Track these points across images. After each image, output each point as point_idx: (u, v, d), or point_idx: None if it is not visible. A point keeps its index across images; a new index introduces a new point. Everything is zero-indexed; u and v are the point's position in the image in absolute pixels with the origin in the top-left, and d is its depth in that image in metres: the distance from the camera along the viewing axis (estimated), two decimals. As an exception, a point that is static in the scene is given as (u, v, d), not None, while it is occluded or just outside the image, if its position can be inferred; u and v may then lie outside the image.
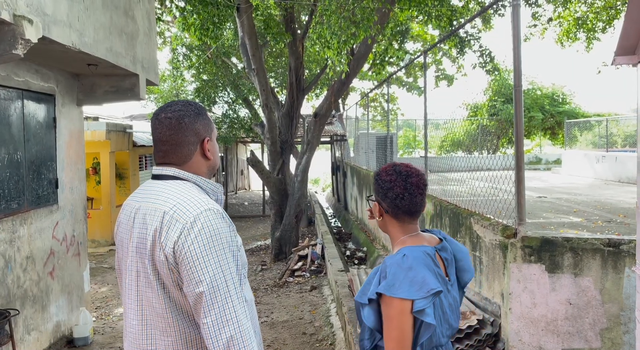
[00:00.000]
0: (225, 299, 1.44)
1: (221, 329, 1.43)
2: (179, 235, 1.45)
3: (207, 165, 1.67)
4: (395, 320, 1.63)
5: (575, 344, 3.57)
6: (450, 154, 19.61)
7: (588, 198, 7.75)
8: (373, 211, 1.87)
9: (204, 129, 1.65)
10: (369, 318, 1.71)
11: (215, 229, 1.46)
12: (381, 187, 1.81)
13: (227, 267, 1.46)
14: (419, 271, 1.65)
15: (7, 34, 3.31)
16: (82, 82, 5.77)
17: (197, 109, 1.66)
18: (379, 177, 1.83)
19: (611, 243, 3.54)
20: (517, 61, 3.72)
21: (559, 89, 21.96)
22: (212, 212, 1.49)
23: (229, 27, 12.21)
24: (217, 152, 1.71)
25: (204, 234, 1.45)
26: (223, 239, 1.47)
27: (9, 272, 4.45)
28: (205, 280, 1.43)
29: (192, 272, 1.44)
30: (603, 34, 11.18)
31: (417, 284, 1.63)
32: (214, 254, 1.44)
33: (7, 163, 4.47)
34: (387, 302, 1.64)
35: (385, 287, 1.64)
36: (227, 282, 1.45)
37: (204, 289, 1.43)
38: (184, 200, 1.51)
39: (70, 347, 5.37)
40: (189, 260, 1.44)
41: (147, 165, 14.45)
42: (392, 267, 1.67)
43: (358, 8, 7.09)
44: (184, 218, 1.47)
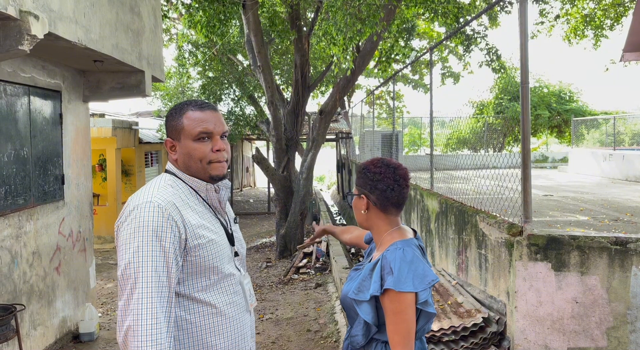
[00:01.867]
0: (132, 288, 1.45)
1: (124, 317, 1.44)
2: (119, 220, 1.56)
3: (181, 162, 1.69)
4: (403, 314, 1.66)
5: (582, 343, 3.54)
6: (456, 152, 19.55)
7: (595, 196, 7.71)
8: (357, 207, 1.86)
9: (169, 131, 1.71)
10: (368, 314, 1.72)
11: (144, 220, 1.49)
12: (370, 179, 1.81)
13: (145, 259, 1.46)
14: (419, 264, 1.71)
15: (13, 29, 3.32)
16: (88, 78, 5.78)
17: (175, 109, 1.72)
18: (367, 170, 1.83)
19: (618, 241, 3.51)
20: (524, 58, 3.69)
21: (566, 87, 21.83)
22: (150, 204, 1.52)
23: (235, 24, 12.20)
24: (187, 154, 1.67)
25: (133, 223, 1.50)
26: (149, 230, 1.49)
27: (16, 268, 4.48)
28: (120, 266, 1.48)
29: (118, 256, 1.52)
30: (611, 31, 11.10)
31: (419, 277, 1.68)
32: (133, 244, 1.47)
33: (13, 159, 4.49)
34: (395, 298, 1.66)
35: (394, 283, 1.66)
36: (139, 273, 1.45)
37: (119, 274, 1.49)
38: (142, 191, 1.61)
39: (76, 342, 5.40)
40: (118, 245, 1.53)
41: (152, 162, 14.49)
42: (395, 262, 1.69)
43: (364, 4, 7.06)
44: (130, 206, 1.56)
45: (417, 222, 6.92)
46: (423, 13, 10.27)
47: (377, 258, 1.77)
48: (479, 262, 4.41)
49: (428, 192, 6.26)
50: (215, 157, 1.68)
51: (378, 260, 1.75)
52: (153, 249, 1.48)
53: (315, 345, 5.30)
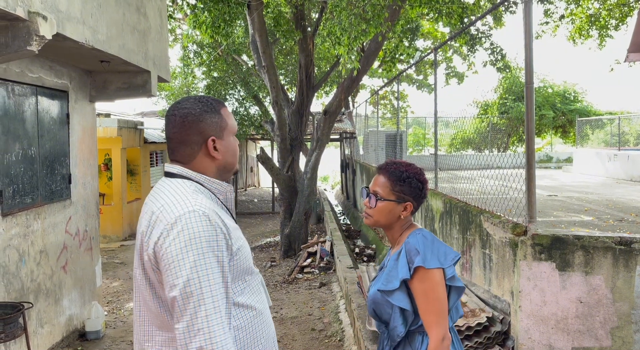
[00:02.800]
0: (197, 306, 1.35)
1: (191, 338, 1.35)
2: (159, 236, 1.42)
3: (214, 165, 1.60)
4: (434, 291, 1.76)
5: (586, 343, 3.55)
6: (460, 152, 19.53)
7: (599, 197, 7.69)
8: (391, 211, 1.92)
9: (210, 127, 1.57)
10: (403, 300, 1.81)
11: (195, 231, 1.39)
12: (418, 189, 1.94)
13: (205, 273, 1.37)
14: (439, 244, 1.85)
15: (21, 30, 3.36)
16: (94, 78, 5.83)
17: (206, 106, 1.59)
18: (414, 179, 1.93)
19: (623, 241, 3.52)
20: (529, 58, 3.70)
21: (571, 87, 21.78)
22: (196, 213, 1.42)
23: (240, 25, 12.24)
24: (230, 151, 1.63)
25: (182, 236, 1.39)
26: (204, 242, 1.39)
27: (23, 266, 4.52)
28: (178, 285, 1.36)
29: (168, 274, 1.39)
30: (616, 31, 11.07)
31: (442, 254, 1.81)
32: (190, 258, 1.37)
33: (21, 158, 4.53)
34: (424, 276, 1.76)
35: (423, 260, 1.77)
36: (203, 288, 1.36)
37: (176, 294, 1.37)
38: (172, 200, 1.47)
39: (83, 340, 5.44)
40: (165, 263, 1.39)
41: (157, 161, 14.56)
42: (418, 244, 1.81)
43: (369, 5, 7.08)
44: (166, 219, 1.43)
45: (421, 221, 6.93)
46: (427, 13, 10.27)
47: (400, 248, 1.88)
48: (483, 261, 4.42)
49: (432, 192, 6.28)
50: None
51: (400, 250, 1.86)
52: (210, 262, 1.39)
53: (320, 344, 5.33)
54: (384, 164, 2.01)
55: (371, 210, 1.97)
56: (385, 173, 1.97)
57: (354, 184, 16.44)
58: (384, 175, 1.97)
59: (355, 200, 15.82)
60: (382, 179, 1.97)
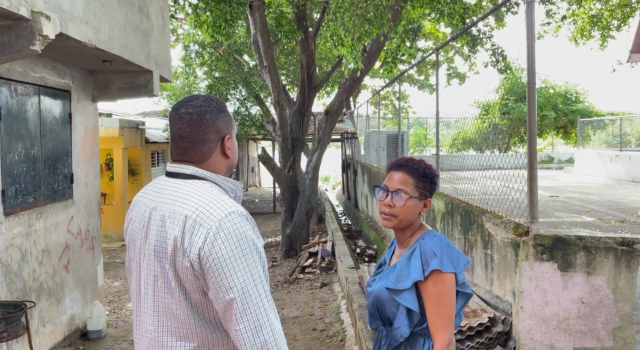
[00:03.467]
0: (257, 304, 1.40)
1: (255, 335, 1.39)
2: (204, 241, 1.38)
3: (226, 163, 1.60)
4: (447, 296, 1.76)
5: (587, 343, 3.55)
6: (462, 152, 19.52)
7: (601, 198, 7.69)
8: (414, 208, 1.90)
9: (225, 125, 1.58)
10: (412, 301, 1.79)
11: (241, 232, 1.41)
12: (435, 184, 1.94)
13: (256, 271, 1.42)
14: (453, 248, 1.84)
15: (25, 30, 3.37)
16: (97, 78, 5.84)
17: (218, 104, 1.58)
18: (434, 176, 1.94)
19: (625, 242, 3.52)
20: (531, 59, 3.70)
21: (572, 88, 21.77)
22: (237, 214, 1.43)
23: (241, 25, 12.25)
24: (236, 150, 1.67)
25: (230, 238, 1.39)
26: (250, 242, 1.42)
27: (25, 265, 4.53)
28: (235, 287, 1.37)
29: (221, 278, 1.38)
30: (618, 32, 11.07)
31: (456, 259, 1.81)
32: (243, 259, 1.39)
33: (23, 158, 4.54)
34: (439, 279, 1.75)
35: (440, 264, 1.76)
36: (257, 286, 1.40)
37: (235, 296, 1.38)
38: (206, 202, 1.44)
39: (84, 340, 5.45)
40: (217, 267, 1.38)
41: (159, 161, 14.56)
42: (435, 247, 1.80)
43: (371, 5, 7.09)
44: (208, 222, 1.40)
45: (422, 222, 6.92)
46: (429, 13, 10.28)
47: (412, 248, 1.86)
48: (485, 262, 4.42)
49: (434, 192, 6.26)
50: None
51: (414, 249, 1.84)
52: (256, 261, 1.44)
53: (321, 344, 5.33)
54: (402, 161, 1.94)
55: (396, 209, 1.87)
56: (408, 170, 1.90)
57: (355, 184, 16.44)
58: (406, 172, 1.89)
59: (357, 201, 15.82)
60: (404, 177, 1.89)
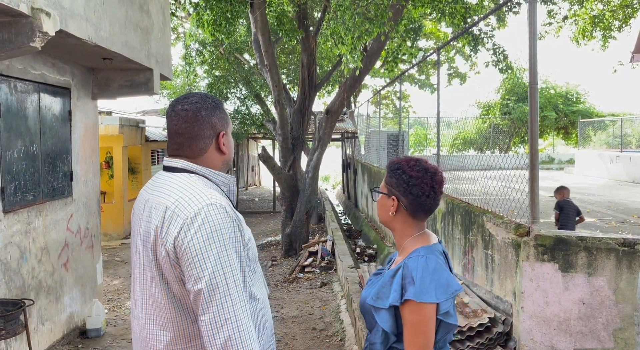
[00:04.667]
0: (224, 297, 1.40)
1: (219, 329, 1.39)
2: (179, 231, 1.43)
3: (221, 159, 1.64)
4: (422, 326, 1.59)
5: (588, 344, 3.54)
6: (462, 152, 19.50)
7: (601, 198, 7.68)
8: (384, 206, 1.76)
9: (220, 122, 1.62)
10: (387, 322, 1.65)
11: (216, 224, 1.43)
12: (405, 183, 1.70)
13: (228, 264, 1.42)
14: (442, 273, 1.63)
15: (25, 26, 3.35)
16: (97, 76, 5.82)
17: (214, 102, 1.63)
18: (401, 172, 1.72)
19: (626, 243, 3.50)
20: (533, 58, 3.69)
21: (573, 88, 21.76)
22: (215, 206, 1.45)
23: (242, 24, 12.24)
24: (232, 146, 1.69)
25: (204, 229, 1.41)
26: (224, 234, 1.43)
27: (24, 263, 4.51)
28: (204, 277, 1.39)
29: (192, 268, 1.41)
30: (619, 32, 11.06)
31: (442, 286, 1.60)
32: (214, 250, 1.41)
33: (23, 155, 4.53)
34: (415, 309, 1.59)
35: (415, 293, 1.58)
36: (227, 279, 1.41)
37: (202, 286, 1.40)
38: (186, 194, 1.49)
39: (83, 338, 5.43)
40: (188, 256, 1.41)
41: (159, 160, 14.54)
42: (417, 270, 1.61)
43: (372, 4, 7.07)
44: (184, 213, 1.44)
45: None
46: (430, 13, 10.26)
47: (399, 265, 1.69)
48: (485, 262, 4.41)
49: (434, 192, 6.25)
50: None
51: (399, 268, 1.67)
52: (231, 253, 1.44)
53: (321, 343, 5.32)
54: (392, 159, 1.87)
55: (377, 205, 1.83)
56: (387, 166, 1.81)
57: (355, 184, 16.42)
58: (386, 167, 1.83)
59: (357, 200, 15.81)
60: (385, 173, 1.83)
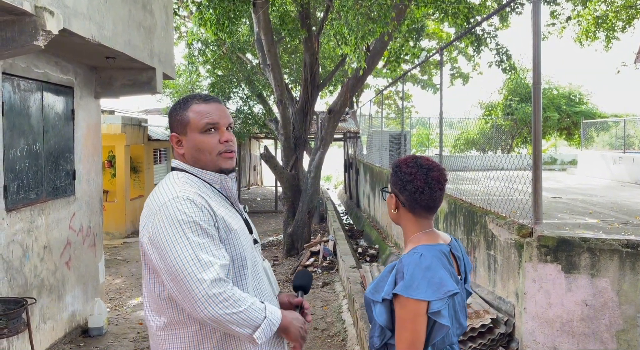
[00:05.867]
0: (182, 279, 1.48)
1: (189, 300, 1.48)
2: (148, 223, 1.57)
3: (192, 158, 1.68)
4: (409, 322, 1.59)
5: (591, 345, 3.53)
6: (464, 153, 19.48)
7: (604, 199, 7.66)
8: (388, 203, 1.82)
9: (173, 124, 1.70)
10: (381, 316, 1.67)
11: (175, 213, 1.51)
12: (400, 179, 1.74)
13: (187, 251, 1.49)
14: (436, 271, 1.62)
15: (28, 25, 3.36)
16: (100, 75, 5.82)
17: (178, 103, 1.72)
18: (398, 169, 1.77)
19: (629, 244, 3.49)
20: (537, 59, 3.68)
21: (576, 89, 21.69)
22: (180, 199, 1.54)
23: (245, 23, 12.23)
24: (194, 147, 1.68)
25: (165, 220, 1.52)
26: (185, 223, 1.51)
27: (27, 262, 4.52)
28: (163, 268, 1.51)
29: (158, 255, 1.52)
30: (623, 33, 11.03)
31: (434, 285, 1.60)
32: (172, 238, 1.50)
33: (26, 154, 4.53)
34: (403, 303, 1.60)
35: (403, 288, 1.60)
36: (184, 264, 1.48)
37: (164, 275, 1.52)
38: (160, 190, 1.62)
39: (85, 336, 5.44)
40: (155, 246, 1.52)
41: (161, 159, 14.54)
42: (409, 266, 1.62)
43: (375, 4, 7.06)
44: (154, 207, 1.57)
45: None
46: (433, 13, 10.24)
47: (399, 259, 1.73)
48: (488, 263, 4.40)
49: (437, 192, 6.23)
50: (224, 148, 1.68)
51: (396, 263, 1.71)
52: (190, 238, 1.50)
53: (322, 343, 5.31)
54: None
55: None
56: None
57: (357, 184, 16.41)
58: None
59: (359, 200, 15.80)
60: None
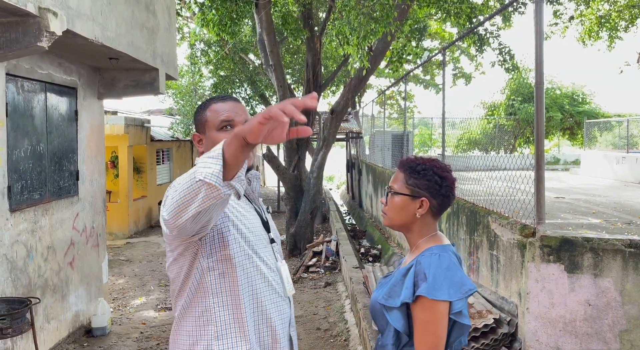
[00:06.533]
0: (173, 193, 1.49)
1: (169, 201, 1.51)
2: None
3: None
4: (433, 324, 1.57)
5: (594, 346, 3.53)
6: (467, 153, 19.45)
7: (607, 199, 7.65)
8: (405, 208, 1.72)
9: (196, 124, 1.80)
10: (399, 322, 1.63)
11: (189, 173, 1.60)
12: (436, 184, 1.71)
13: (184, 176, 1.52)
14: (456, 271, 1.61)
15: (32, 26, 3.37)
16: (103, 75, 5.84)
17: (201, 104, 1.80)
18: (433, 173, 1.71)
19: (632, 244, 3.49)
20: (539, 58, 3.68)
21: (579, 89, 21.66)
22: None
23: (247, 23, 12.25)
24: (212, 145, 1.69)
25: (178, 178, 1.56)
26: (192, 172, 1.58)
27: (31, 262, 4.54)
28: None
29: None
30: (626, 32, 11.00)
31: (456, 285, 1.59)
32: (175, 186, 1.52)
33: (30, 154, 4.55)
34: (425, 306, 1.57)
35: (427, 290, 1.57)
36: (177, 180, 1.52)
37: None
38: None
39: (89, 336, 5.46)
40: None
41: (164, 159, 14.56)
42: (430, 267, 1.60)
43: (377, 4, 7.06)
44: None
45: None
46: (435, 13, 10.24)
47: (410, 263, 1.68)
48: (491, 263, 4.40)
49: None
50: None
51: (411, 266, 1.66)
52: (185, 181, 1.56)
53: (325, 343, 5.32)
54: (403, 159, 1.82)
55: (386, 207, 1.77)
56: (400, 166, 1.77)
57: (359, 184, 16.42)
58: (399, 168, 1.78)
59: (361, 200, 15.80)
60: (397, 174, 1.77)
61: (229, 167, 1.31)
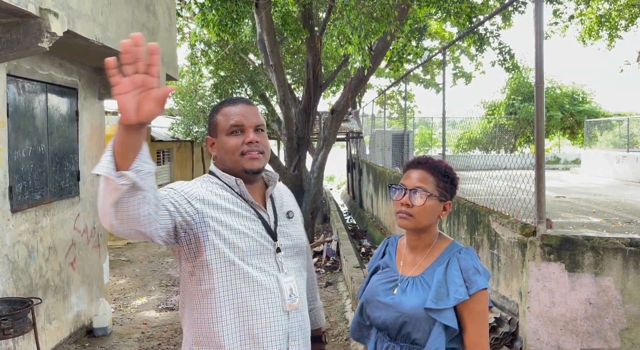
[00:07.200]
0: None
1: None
2: None
3: (221, 159, 1.74)
4: (487, 312, 1.68)
5: (595, 344, 3.53)
6: (467, 152, 19.46)
7: (608, 198, 7.65)
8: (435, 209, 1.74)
9: (209, 128, 1.79)
10: (453, 320, 1.64)
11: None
12: (456, 187, 1.82)
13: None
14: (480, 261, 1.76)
15: (33, 27, 3.38)
16: (103, 76, 5.84)
17: (215, 107, 1.78)
18: (455, 177, 1.80)
19: (633, 243, 3.49)
20: (539, 58, 3.68)
21: (579, 88, 21.67)
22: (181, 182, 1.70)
23: (247, 24, 12.25)
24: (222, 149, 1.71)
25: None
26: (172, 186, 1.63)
27: (32, 262, 4.54)
28: None
29: None
30: (626, 32, 11.01)
31: (486, 272, 1.71)
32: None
33: (31, 155, 4.56)
34: (483, 297, 1.66)
35: (484, 281, 1.66)
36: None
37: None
38: None
39: (90, 337, 5.47)
40: None
41: (164, 160, 14.57)
42: (474, 260, 1.70)
43: (378, 3, 7.07)
44: None
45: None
46: (435, 13, 10.24)
47: (443, 262, 1.71)
48: (491, 262, 4.40)
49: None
50: (248, 149, 1.68)
51: (447, 264, 1.70)
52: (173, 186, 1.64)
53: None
54: (421, 159, 1.80)
55: (414, 208, 1.71)
56: (427, 168, 1.75)
57: (360, 184, 16.42)
58: (426, 170, 1.75)
59: (362, 200, 15.80)
60: (424, 174, 1.74)
61: (117, 154, 1.27)
